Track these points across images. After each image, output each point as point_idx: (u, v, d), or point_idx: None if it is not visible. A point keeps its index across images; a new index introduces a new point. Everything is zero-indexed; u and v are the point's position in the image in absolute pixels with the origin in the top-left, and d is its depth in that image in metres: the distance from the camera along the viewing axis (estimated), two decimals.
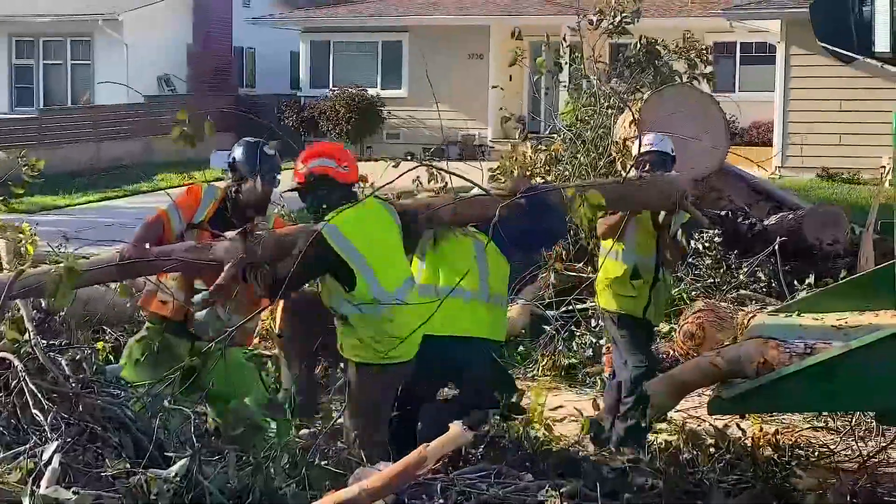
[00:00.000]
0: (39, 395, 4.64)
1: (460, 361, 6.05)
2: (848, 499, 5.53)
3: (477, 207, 6.02)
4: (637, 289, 6.88)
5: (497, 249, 6.08)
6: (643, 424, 6.44)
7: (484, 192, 6.24)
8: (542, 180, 11.23)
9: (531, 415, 6.58)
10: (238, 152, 6.34)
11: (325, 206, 5.72)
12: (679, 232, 6.93)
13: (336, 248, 5.45)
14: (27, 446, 4.43)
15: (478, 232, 6.16)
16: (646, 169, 6.90)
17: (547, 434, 6.51)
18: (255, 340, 8.10)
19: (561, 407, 7.64)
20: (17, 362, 4.75)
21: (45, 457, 4.31)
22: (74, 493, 4.09)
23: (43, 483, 4.11)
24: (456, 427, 4.87)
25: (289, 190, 5.97)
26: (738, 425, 6.54)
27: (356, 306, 5.50)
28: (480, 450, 6.07)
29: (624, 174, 10.89)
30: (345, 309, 5.56)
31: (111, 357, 7.42)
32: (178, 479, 4.47)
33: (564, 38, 12.84)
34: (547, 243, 7.48)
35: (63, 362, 4.89)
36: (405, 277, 5.72)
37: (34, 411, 4.63)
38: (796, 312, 6.69)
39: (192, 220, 6.27)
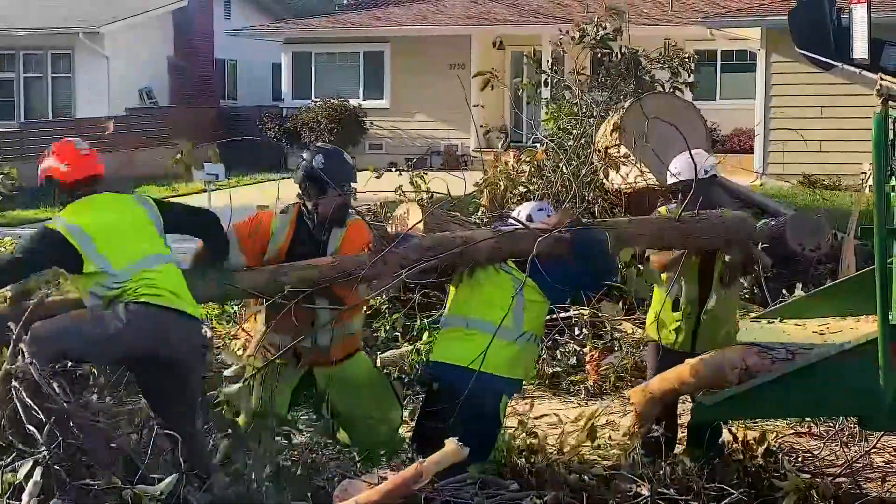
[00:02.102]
0: (31, 411, 4.61)
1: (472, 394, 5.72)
2: (831, 502, 5.54)
3: (519, 242, 5.83)
4: (679, 320, 6.55)
5: (536, 287, 5.79)
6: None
7: (523, 227, 5.99)
8: (526, 190, 11.25)
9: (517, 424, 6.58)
10: (318, 160, 6.00)
11: (61, 206, 5.56)
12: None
13: (68, 238, 5.28)
14: (7, 460, 4.41)
15: (515, 269, 5.90)
16: (679, 200, 6.54)
17: (533, 443, 6.50)
18: None
19: (545, 416, 7.65)
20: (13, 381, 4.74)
21: (23, 472, 4.29)
22: None
23: (24, 497, 4.10)
24: (452, 443, 4.90)
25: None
26: (729, 430, 6.56)
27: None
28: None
29: (610, 184, 10.97)
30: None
31: None
32: (163, 496, 4.48)
33: (551, 55, 12.90)
34: (594, 285, 6.86)
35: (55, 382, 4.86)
36: (140, 256, 5.37)
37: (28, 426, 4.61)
38: (779, 319, 6.72)
39: (261, 255, 5.97)
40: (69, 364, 5.02)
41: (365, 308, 8.32)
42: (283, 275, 5.78)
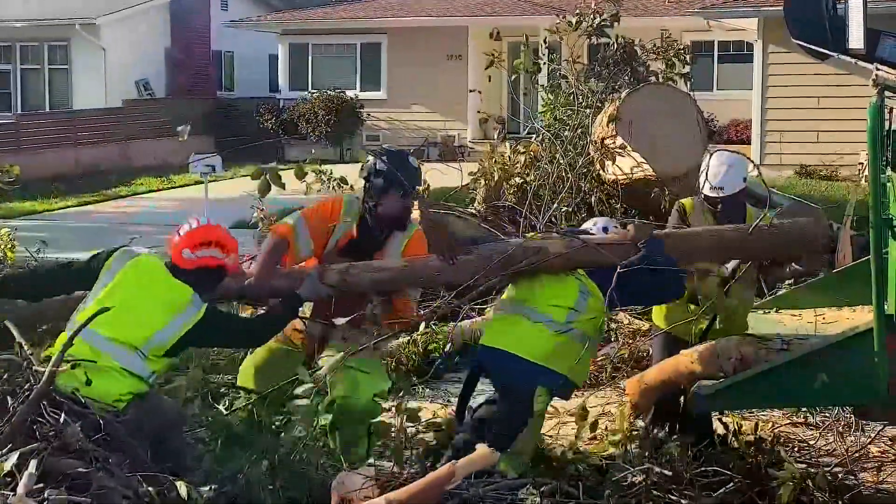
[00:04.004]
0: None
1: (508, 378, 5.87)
2: (827, 492, 5.55)
3: (592, 254, 5.79)
4: (693, 312, 6.49)
5: (600, 296, 5.79)
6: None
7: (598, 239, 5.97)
8: (522, 181, 11.25)
9: None
10: (381, 162, 5.95)
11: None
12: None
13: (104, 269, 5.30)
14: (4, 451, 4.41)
15: (584, 274, 5.89)
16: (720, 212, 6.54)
17: None
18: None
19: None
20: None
21: (9, 463, 4.29)
22: (44, 498, 4.09)
23: (19, 489, 4.10)
24: (484, 447, 4.98)
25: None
26: (719, 420, 6.58)
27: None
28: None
29: (602, 173, 10.97)
30: None
31: None
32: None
33: (545, 41, 12.88)
34: (656, 301, 6.63)
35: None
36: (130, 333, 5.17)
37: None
38: (774, 309, 6.73)
39: (326, 244, 5.90)
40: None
41: None
42: (353, 275, 5.72)
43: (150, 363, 5.13)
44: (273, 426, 5.77)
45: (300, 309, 5.78)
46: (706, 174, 6.65)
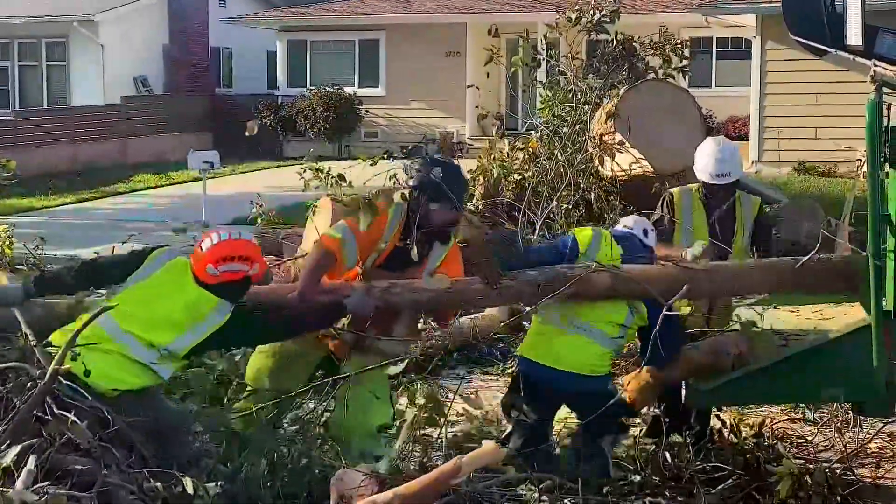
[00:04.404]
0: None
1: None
2: (825, 487, 5.56)
3: (634, 287, 5.71)
4: (690, 305, 6.45)
5: (643, 312, 5.82)
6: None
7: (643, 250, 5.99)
8: (521, 177, 11.26)
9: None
10: (436, 172, 5.85)
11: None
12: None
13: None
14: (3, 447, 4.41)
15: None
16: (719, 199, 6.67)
17: None
18: None
19: None
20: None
21: (8, 458, 4.29)
22: (44, 493, 4.09)
23: (18, 484, 4.10)
24: (490, 443, 4.99)
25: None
26: (717, 416, 6.58)
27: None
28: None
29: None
30: None
31: None
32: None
33: (545, 36, 12.88)
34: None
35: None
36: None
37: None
38: (772, 305, 6.73)
39: (371, 252, 5.84)
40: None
41: None
42: (394, 294, 5.67)
43: (170, 363, 5.16)
44: (274, 425, 5.78)
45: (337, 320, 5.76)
46: (706, 161, 6.67)
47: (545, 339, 5.89)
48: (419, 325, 6.35)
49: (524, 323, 8.00)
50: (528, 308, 6.01)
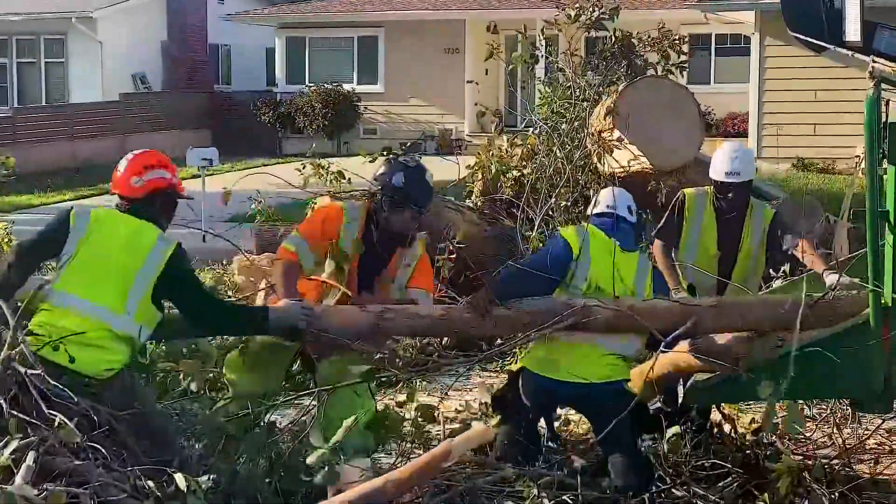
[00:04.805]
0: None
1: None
2: (824, 484, 5.56)
3: (634, 322, 5.58)
4: None
5: None
6: None
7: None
8: (520, 174, 11.25)
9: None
10: (399, 177, 5.77)
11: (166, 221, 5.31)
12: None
13: (71, 217, 5.17)
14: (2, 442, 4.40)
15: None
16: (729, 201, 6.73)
17: None
18: None
19: None
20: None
21: (7, 452, 4.28)
22: (43, 489, 4.09)
23: (17, 479, 4.10)
24: (479, 424, 4.95)
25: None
26: (720, 411, 6.58)
27: None
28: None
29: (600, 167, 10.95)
30: None
31: None
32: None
33: (542, 31, 12.86)
34: None
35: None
36: (82, 294, 5.07)
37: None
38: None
39: (331, 253, 5.77)
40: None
41: None
42: (388, 320, 5.59)
43: (137, 316, 5.06)
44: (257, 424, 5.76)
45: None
46: (719, 159, 6.73)
47: (551, 350, 5.64)
48: None
49: None
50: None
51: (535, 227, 10.44)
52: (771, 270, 6.95)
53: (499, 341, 6.52)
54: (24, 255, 5.22)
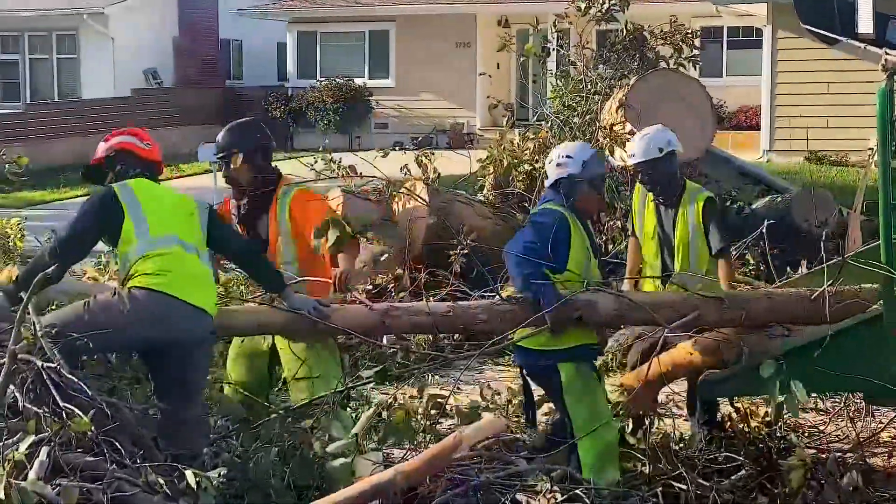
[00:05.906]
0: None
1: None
2: (838, 477, 5.55)
3: (641, 313, 5.65)
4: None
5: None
6: None
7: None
8: (531, 168, 11.24)
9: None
10: (219, 136, 6.29)
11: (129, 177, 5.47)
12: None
13: (118, 193, 5.26)
14: (14, 438, 4.41)
15: None
16: (641, 181, 6.74)
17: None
18: None
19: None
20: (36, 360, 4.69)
21: (23, 447, 4.29)
22: (57, 485, 4.10)
23: (31, 475, 4.11)
24: (490, 415, 4.95)
25: (88, 176, 5.68)
26: (731, 404, 6.57)
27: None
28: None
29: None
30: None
31: None
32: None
33: (554, 24, 12.84)
34: None
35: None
36: (173, 232, 5.29)
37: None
38: None
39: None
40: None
41: (371, 286, 8.29)
42: (394, 317, 5.67)
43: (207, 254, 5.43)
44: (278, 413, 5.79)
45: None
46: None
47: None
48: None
49: None
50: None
51: None
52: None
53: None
54: (76, 246, 5.25)
